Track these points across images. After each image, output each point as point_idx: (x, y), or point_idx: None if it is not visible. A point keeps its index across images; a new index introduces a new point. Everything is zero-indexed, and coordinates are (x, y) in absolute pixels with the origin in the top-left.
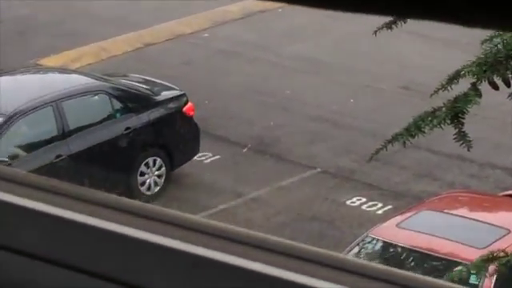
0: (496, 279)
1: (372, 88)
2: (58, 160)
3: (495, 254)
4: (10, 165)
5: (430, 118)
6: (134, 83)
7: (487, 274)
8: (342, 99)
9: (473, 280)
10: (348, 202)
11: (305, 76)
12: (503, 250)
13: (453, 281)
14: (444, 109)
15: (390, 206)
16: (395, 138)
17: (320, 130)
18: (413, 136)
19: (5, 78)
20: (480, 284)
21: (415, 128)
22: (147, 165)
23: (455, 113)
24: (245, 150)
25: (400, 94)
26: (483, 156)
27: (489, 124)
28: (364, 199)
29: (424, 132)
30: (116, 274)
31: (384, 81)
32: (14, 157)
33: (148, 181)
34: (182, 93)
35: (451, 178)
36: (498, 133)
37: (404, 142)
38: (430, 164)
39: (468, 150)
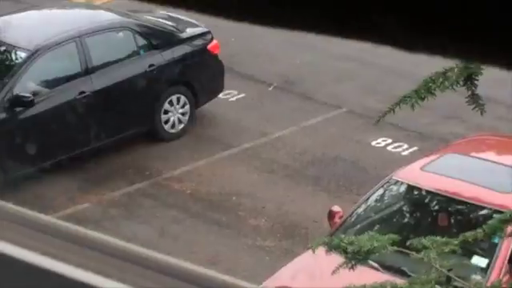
0: None
1: None
2: (81, 97)
3: None
4: (32, 100)
5: (440, 80)
6: (158, 20)
7: (505, 235)
8: None
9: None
10: (373, 143)
11: None
12: None
13: (467, 242)
14: (456, 70)
15: (415, 148)
16: (403, 100)
17: (347, 69)
18: (422, 98)
19: (31, 13)
20: (498, 246)
21: (425, 90)
22: (171, 103)
23: (468, 74)
24: (270, 88)
25: None
26: (511, 98)
27: None
28: (389, 140)
29: (434, 94)
30: None
31: None
32: (36, 93)
33: (172, 119)
34: (207, 30)
35: (479, 120)
36: None
37: (412, 105)
38: (457, 106)
39: (481, 114)
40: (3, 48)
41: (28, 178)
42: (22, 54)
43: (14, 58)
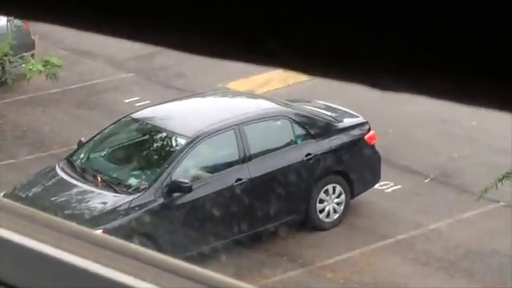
0: None
1: None
2: (237, 184)
3: None
4: (190, 186)
5: None
6: (316, 109)
7: None
8: None
9: None
10: None
11: None
12: None
13: None
14: None
15: None
16: (507, 176)
17: (506, 163)
18: None
19: (193, 101)
20: None
21: None
22: (327, 192)
23: None
24: (427, 180)
25: None
26: None
27: None
28: None
29: None
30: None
31: None
32: (195, 179)
33: (327, 208)
34: (364, 121)
35: None
36: None
37: None
38: None
39: None
40: (164, 134)
41: None
42: (182, 141)
43: (173, 144)
